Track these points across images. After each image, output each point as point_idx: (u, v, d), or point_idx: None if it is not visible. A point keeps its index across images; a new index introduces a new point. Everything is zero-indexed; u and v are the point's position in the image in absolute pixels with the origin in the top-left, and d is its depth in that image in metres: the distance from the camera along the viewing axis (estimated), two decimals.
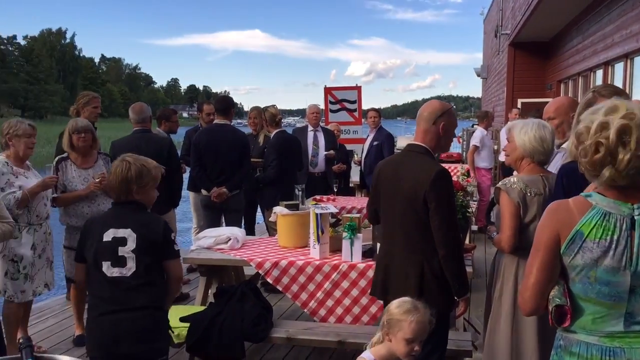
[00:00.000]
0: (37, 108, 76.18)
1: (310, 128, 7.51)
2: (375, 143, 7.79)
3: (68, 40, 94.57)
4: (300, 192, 4.66)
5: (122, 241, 2.74)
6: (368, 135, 8.19)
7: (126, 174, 2.85)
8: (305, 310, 4.02)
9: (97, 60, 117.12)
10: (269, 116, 6.20)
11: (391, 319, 2.41)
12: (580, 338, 1.85)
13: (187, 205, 7.29)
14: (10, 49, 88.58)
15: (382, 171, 3.10)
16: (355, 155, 8.03)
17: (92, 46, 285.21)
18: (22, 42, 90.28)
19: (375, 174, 3.16)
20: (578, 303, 1.85)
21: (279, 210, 4.38)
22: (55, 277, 4.55)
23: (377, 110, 8.20)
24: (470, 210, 4.25)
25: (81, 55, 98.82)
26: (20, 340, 1.73)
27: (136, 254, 2.74)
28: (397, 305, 2.44)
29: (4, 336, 4.00)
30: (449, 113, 3.01)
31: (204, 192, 5.97)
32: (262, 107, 6.65)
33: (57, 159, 4.65)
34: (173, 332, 3.81)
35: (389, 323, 2.42)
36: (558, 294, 1.86)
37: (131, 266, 2.73)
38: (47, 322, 5.27)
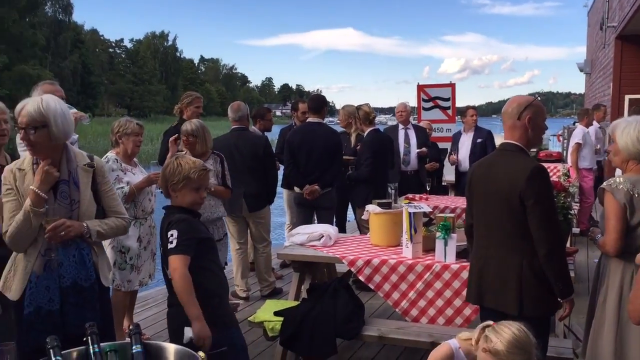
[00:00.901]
0: (141, 107, 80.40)
1: (401, 126, 7.45)
2: (478, 141, 7.64)
3: (170, 43, 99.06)
4: (393, 191, 4.64)
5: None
6: (461, 134, 8.02)
7: (164, 172, 2.94)
8: (397, 309, 4.00)
9: (196, 61, 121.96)
10: (362, 115, 6.21)
11: (493, 347, 2.21)
12: None
13: (282, 201, 7.45)
14: (118, 51, 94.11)
15: (475, 173, 3.03)
16: (452, 154, 7.86)
17: (192, 48, 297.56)
18: (129, 45, 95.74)
19: (469, 176, 3.09)
20: None
21: (372, 208, 4.39)
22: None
23: (475, 108, 8.05)
24: (572, 212, 4.06)
25: (182, 56, 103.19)
26: (130, 327, 1.84)
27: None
28: (508, 339, 2.20)
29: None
30: (533, 105, 2.89)
31: (296, 189, 6.08)
32: (354, 105, 6.67)
33: (168, 156, 4.89)
34: (267, 325, 3.92)
35: (487, 340, 2.23)
36: None
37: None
38: (150, 311, 5.56)
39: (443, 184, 8.45)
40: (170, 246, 2.73)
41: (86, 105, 64.50)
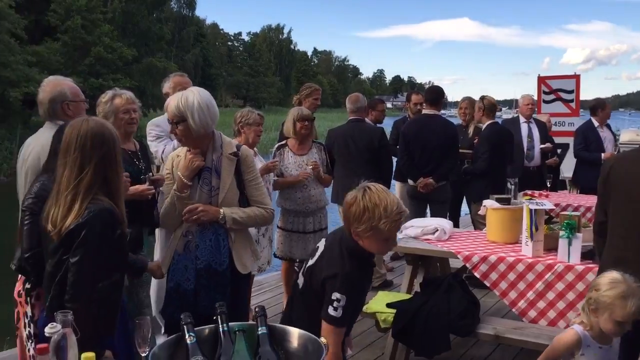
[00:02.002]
0: (257, 99, 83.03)
1: (522, 120, 7.14)
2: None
3: (285, 36, 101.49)
4: (512, 186, 4.48)
5: None
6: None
7: (348, 209, 2.42)
8: (514, 309, 3.87)
9: (309, 53, 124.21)
10: (487, 104, 6.01)
11: (601, 300, 2.26)
12: None
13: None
14: (236, 44, 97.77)
15: (614, 168, 2.80)
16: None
17: (306, 40, 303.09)
18: (246, 39, 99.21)
19: (606, 170, 2.87)
20: None
21: (490, 203, 4.26)
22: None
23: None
24: None
25: (296, 49, 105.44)
26: (256, 309, 1.92)
27: None
28: (610, 287, 2.27)
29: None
30: None
31: (410, 182, 6.03)
32: (474, 97, 6.49)
33: (276, 145, 5.07)
34: (379, 316, 3.94)
35: (596, 302, 2.27)
36: None
37: None
38: (265, 296, 5.78)
39: (561, 179, 7.99)
40: (331, 312, 2.23)
41: None
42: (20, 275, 2.88)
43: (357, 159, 5.64)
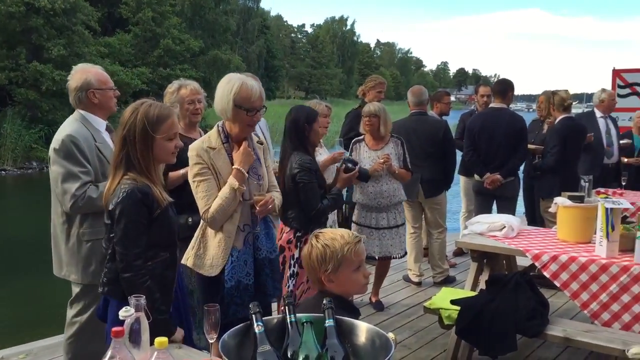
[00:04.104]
0: (319, 90, 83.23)
1: (599, 114, 6.82)
2: None
3: (349, 27, 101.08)
4: (587, 184, 4.30)
5: None
6: None
7: (310, 261, 2.28)
8: (585, 311, 3.72)
9: (372, 45, 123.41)
10: (557, 100, 5.82)
11: None
12: None
13: (457, 188, 7.28)
14: (299, 36, 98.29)
15: None
16: None
17: (369, 32, 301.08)
18: (309, 30, 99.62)
19: None
20: None
21: (561, 201, 4.10)
22: None
23: None
24: None
25: (359, 40, 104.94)
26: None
27: None
28: None
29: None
30: None
31: (476, 177, 5.90)
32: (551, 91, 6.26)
33: (354, 140, 5.06)
34: (443, 313, 3.87)
35: None
36: None
37: None
38: None
39: None
40: None
41: (268, 87, 68.36)
42: (289, 228, 3.72)
43: (419, 153, 5.55)
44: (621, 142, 6.72)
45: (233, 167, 2.92)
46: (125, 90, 22.89)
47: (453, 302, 3.86)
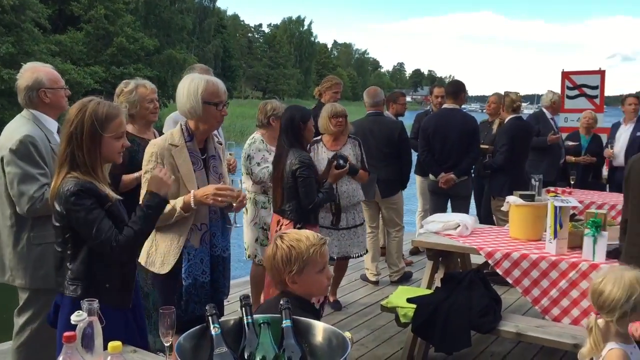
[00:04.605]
0: (276, 91, 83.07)
1: (549, 116, 7.02)
2: (638, 134, 6.93)
3: (305, 28, 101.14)
4: (537, 183, 4.42)
5: None
6: (620, 125, 7.35)
7: (274, 263, 2.26)
8: (537, 307, 3.83)
9: (329, 45, 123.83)
10: (507, 102, 5.97)
11: (603, 291, 2.29)
12: None
13: (413, 188, 7.38)
14: (256, 36, 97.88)
15: (633, 167, 2.84)
16: (608, 146, 7.15)
17: (326, 32, 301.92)
18: (267, 30, 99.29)
19: (627, 169, 2.91)
20: None
21: (513, 200, 4.21)
22: None
23: (638, 97, 7.22)
24: None
25: (316, 41, 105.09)
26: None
27: None
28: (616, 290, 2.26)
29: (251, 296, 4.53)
30: None
31: (431, 176, 5.99)
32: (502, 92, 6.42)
33: (313, 140, 5.05)
34: (400, 311, 3.92)
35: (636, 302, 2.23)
36: None
37: None
38: None
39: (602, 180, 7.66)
40: None
41: (226, 87, 67.74)
42: (288, 220, 3.91)
43: (376, 153, 5.60)
44: (568, 142, 6.93)
45: (193, 191, 2.85)
46: (77, 90, 22.38)
47: (409, 300, 3.92)
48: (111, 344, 1.76)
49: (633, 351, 2.29)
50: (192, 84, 2.91)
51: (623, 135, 7.10)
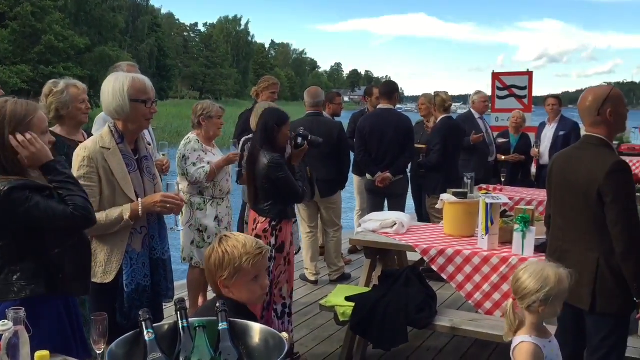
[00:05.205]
0: (213, 91, 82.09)
1: (477, 115, 7.26)
2: (561, 133, 7.20)
3: (243, 27, 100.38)
4: (469, 181, 4.55)
5: None
6: (545, 125, 7.67)
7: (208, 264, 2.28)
8: (470, 301, 3.94)
9: (267, 45, 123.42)
10: (438, 101, 6.13)
11: (522, 285, 2.32)
12: None
13: (351, 187, 7.45)
14: (192, 35, 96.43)
15: (555, 164, 2.98)
16: (535, 146, 7.43)
17: (263, 32, 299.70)
18: (203, 29, 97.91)
19: (549, 166, 3.05)
20: None
21: (447, 197, 4.32)
22: None
23: (557, 98, 7.58)
24: None
25: (253, 41, 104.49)
26: (217, 305, 1.89)
27: None
28: (544, 275, 2.33)
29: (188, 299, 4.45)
30: (611, 96, 2.77)
31: (368, 176, 6.07)
32: (431, 93, 6.57)
33: (243, 139, 5.00)
34: (338, 310, 3.96)
35: (547, 294, 2.30)
36: None
37: None
38: None
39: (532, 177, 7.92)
40: None
41: (161, 87, 66.48)
42: (264, 218, 3.93)
43: (315, 153, 5.61)
44: (499, 140, 7.18)
45: (140, 200, 2.78)
46: (5, 90, 21.38)
47: (348, 298, 3.96)
48: (38, 354, 1.69)
49: (547, 345, 2.36)
50: (117, 82, 2.80)
51: (547, 135, 7.42)
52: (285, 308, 4.05)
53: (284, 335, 1.83)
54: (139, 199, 2.79)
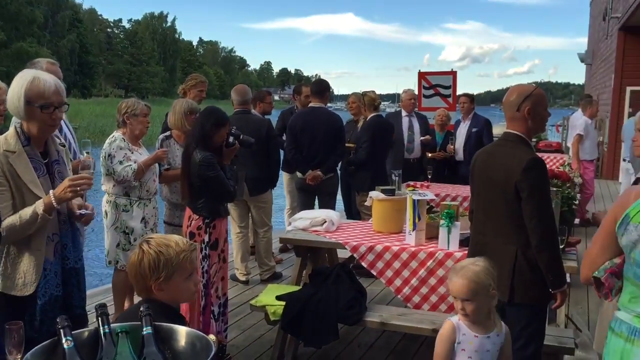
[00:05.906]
0: (139, 89, 79.89)
1: (404, 113, 7.42)
2: (474, 130, 7.47)
3: (169, 24, 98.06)
4: (397, 178, 4.63)
5: None
6: (460, 122, 7.91)
7: (139, 269, 2.16)
8: (399, 296, 4.02)
9: (195, 43, 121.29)
10: (367, 100, 6.21)
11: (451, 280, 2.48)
12: (618, 315, 2.00)
13: (282, 185, 7.42)
14: (116, 31, 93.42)
15: (476, 160, 3.09)
16: (450, 143, 7.68)
17: (191, 30, 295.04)
18: (127, 26, 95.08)
19: (472, 163, 3.15)
20: (623, 281, 2.01)
21: (375, 195, 4.38)
22: None
23: (469, 96, 7.80)
24: (576, 202, 4.07)
25: (181, 38, 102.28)
26: (141, 309, 1.82)
27: None
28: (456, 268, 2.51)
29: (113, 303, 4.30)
30: (532, 95, 2.89)
31: (298, 174, 6.07)
32: (360, 92, 6.65)
33: (161, 137, 4.87)
34: (269, 309, 3.93)
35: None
36: (602, 268, 2.04)
37: None
38: None
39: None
40: None
41: (83, 85, 64.07)
42: (198, 216, 3.93)
43: (244, 151, 5.55)
44: (422, 138, 7.35)
45: (51, 191, 2.60)
46: None
47: (278, 297, 3.94)
48: None
49: (485, 341, 2.44)
50: (19, 81, 2.61)
51: (462, 132, 7.66)
52: (221, 308, 4.02)
53: (211, 337, 1.79)
54: (50, 191, 2.61)
